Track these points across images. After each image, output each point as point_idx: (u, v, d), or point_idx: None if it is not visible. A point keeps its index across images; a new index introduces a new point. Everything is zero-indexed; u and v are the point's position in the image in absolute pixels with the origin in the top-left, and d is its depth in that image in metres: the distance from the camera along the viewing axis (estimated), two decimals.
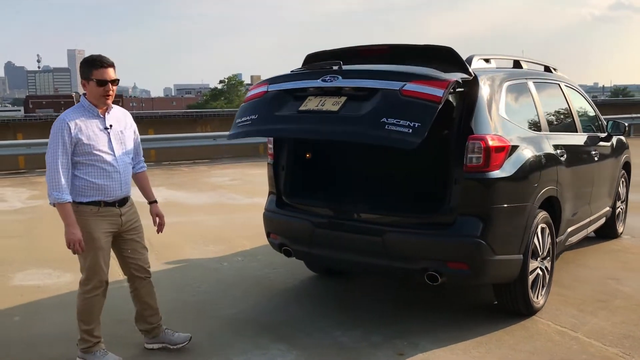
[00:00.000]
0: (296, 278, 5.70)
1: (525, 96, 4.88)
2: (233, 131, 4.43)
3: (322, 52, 4.84)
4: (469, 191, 4.04)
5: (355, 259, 4.44)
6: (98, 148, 3.68)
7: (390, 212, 4.44)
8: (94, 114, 3.73)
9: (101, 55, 3.69)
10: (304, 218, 4.64)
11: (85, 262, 3.77)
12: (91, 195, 3.69)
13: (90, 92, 3.68)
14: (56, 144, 3.60)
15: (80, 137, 3.62)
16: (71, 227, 3.59)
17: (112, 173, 3.72)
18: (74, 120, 3.65)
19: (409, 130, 3.62)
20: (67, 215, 3.60)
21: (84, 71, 3.66)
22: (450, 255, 4.10)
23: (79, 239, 3.60)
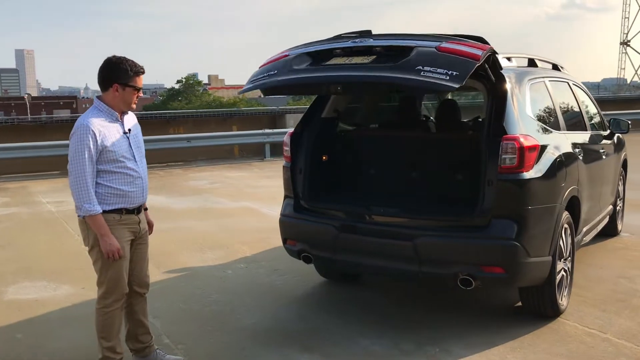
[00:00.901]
0: (306, 284, 5.53)
1: (544, 95, 4.84)
2: (247, 86, 4.26)
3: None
4: (503, 193, 3.96)
5: (383, 265, 4.30)
6: (122, 154, 3.51)
7: (420, 215, 4.32)
8: (114, 118, 3.54)
9: (132, 60, 3.53)
10: (327, 222, 4.48)
11: (106, 275, 3.55)
12: (114, 202, 3.51)
13: (122, 97, 3.51)
14: (81, 151, 3.39)
15: (106, 143, 3.44)
16: (107, 237, 3.43)
17: (136, 179, 3.58)
18: (97, 125, 3.44)
19: (446, 77, 3.53)
20: (101, 225, 3.43)
21: (122, 76, 3.47)
22: (485, 259, 4.00)
23: (117, 247, 3.45)
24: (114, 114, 3.52)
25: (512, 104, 4.14)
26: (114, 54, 3.56)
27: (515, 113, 4.13)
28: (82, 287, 5.52)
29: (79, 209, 3.42)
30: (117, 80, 3.47)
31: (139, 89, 3.53)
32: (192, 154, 15.48)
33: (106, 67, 3.51)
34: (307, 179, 4.71)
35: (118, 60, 3.50)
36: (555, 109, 4.94)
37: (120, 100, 3.51)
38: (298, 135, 4.83)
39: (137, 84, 3.51)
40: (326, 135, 4.94)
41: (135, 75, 3.50)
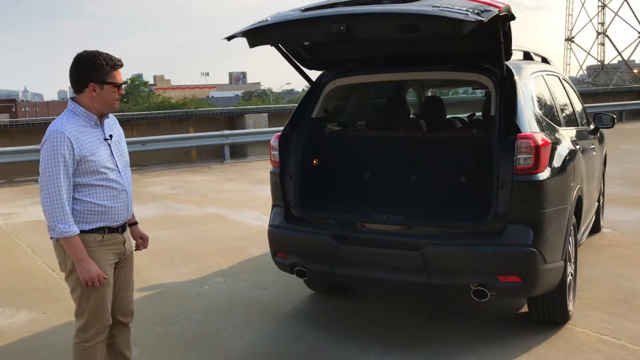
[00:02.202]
0: (294, 298, 5.14)
1: (544, 90, 4.61)
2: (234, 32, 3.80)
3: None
4: (518, 195, 3.67)
5: (388, 277, 3.96)
6: (103, 164, 3.04)
7: (427, 221, 3.99)
8: (92, 123, 3.07)
9: (110, 54, 3.05)
10: (323, 233, 4.11)
11: (86, 304, 3.08)
12: (95, 220, 3.05)
13: (100, 97, 3.03)
14: (55, 162, 2.91)
15: (84, 152, 2.97)
16: (85, 263, 2.96)
17: (120, 192, 3.12)
18: (73, 131, 2.96)
19: (468, 13, 3.20)
20: (78, 249, 2.95)
21: (97, 72, 3.00)
22: (500, 268, 3.71)
23: (98, 274, 2.98)
24: (92, 117, 3.05)
25: (523, 100, 3.87)
26: (84, 50, 3.08)
27: (525, 109, 3.86)
28: (43, 313, 4.99)
29: (52, 230, 2.95)
30: (92, 78, 3.00)
31: (120, 84, 3.06)
32: (147, 158, 14.80)
33: (78, 65, 3.04)
34: (298, 186, 4.32)
35: (90, 55, 3.02)
36: (555, 104, 4.71)
37: (98, 101, 3.04)
38: (286, 137, 4.43)
39: (117, 80, 3.05)
40: (317, 137, 4.56)
41: (113, 69, 3.03)
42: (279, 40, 4.04)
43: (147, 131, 15.47)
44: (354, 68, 4.57)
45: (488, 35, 3.58)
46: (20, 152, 13.08)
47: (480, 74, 4.04)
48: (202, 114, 17.88)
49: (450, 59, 4.25)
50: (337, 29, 3.45)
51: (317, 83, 4.63)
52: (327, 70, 4.67)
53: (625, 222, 7.32)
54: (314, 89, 4.61)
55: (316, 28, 3.66)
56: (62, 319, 4.80)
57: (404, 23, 3.39)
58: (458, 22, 3.16)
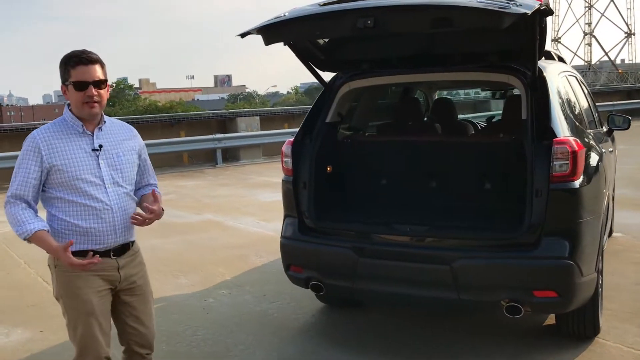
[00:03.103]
0: (305, 311, 4.87)
1: (569, 91, 4.38)
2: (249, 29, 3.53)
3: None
4: (554, 204, 3.44)
5: (413, 293, 3.71)
6: (80, 177, 2.72)
7: (457, 233, 3.74)
8: (78, 130, 2.78)
9: (84, 49, 2.76)
10: (342, 245, 3.85)
11: (74, 334, 2.81)
12: (78, 242, 2.72)
13: (71, 100, 2.76)
14: (18, 169, 2.74)
15: (55, 162, 2.71)
16: (57, 254, 2.68)
17: (102, 211, 2.75)
18: (48, 138, 2.73)
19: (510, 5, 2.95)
20: (44, 241, 2.67)
21: (61, 73, 2.75)
22: (536, 282, 3.48)
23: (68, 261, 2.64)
24: (79, 124, 2.77)
25: (556, 102, 3.65)
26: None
27: (559, 112, 3.63)
28: (40, 331, 4.69)
29: (17, 234, 2.72)
30: (61, 79, 2.75)
31: (84, 83, 2.68)
32: None
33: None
34: (312, 194, 4.06)
35: (63, 57, 2.77)
36: (580, 105, 4.50)
37: (72, 104, 2.77)
38: (299, 144, 4.17)
39: (78, 77, 2.68)
40: (331, 142, 4.30)
41: (70, 67, 2.70)
42: (298, 36, 3.77)
43: None
44: (369, 69, 4.31)
45: (522, 32, 3.35)
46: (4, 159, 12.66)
47: (509, 74, 3.81)
48: (193, 118, 17.55)
49: (474, 59, 4.01)
50: (363, 23, 3.17)
51: (330, 85, 4.38)
52: (341, 72, 4.42)
53: (635, 226, 7.14)
54: (327, 92, 4.35)
55: (340, 23, 3.37)
56: (60, 337, 4.50)
57: (438, 16, 3.14)
58: (499, 15, 2.92)
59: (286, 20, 3.44)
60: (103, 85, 2.73)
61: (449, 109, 5.46)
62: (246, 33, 3.56)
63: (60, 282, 2.77)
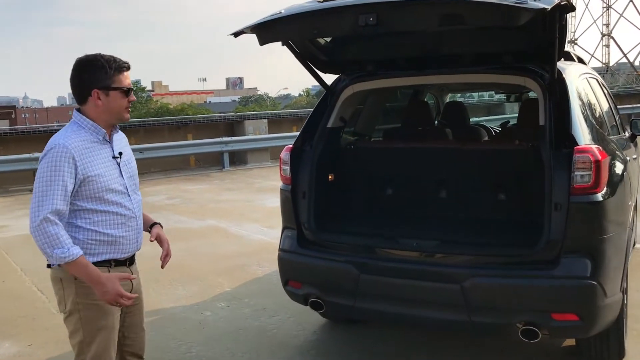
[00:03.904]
0: (305, 328, 4.60)
1: (590, 94, 4.07)
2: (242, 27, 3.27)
3: None
4: (575, 219, 3.13)
5: (420, 314, 3.41)
6: (110, 186, 2.63)
7: (468, 249, 3.44)
8: (100, 138, 2.65)
9: (112, 55, 2.65)
10: (344, 260, 3.57)
11: (87, 351, 2.62)
12: (101, 252, 2.63)
13: (106, 106, 2.61)
14: (52, 180, 2.47)
15: (89, 172, 2.55)
16: (100, 285, 2.51)
17: (129, 219, 2.70)
18: (78, 147, 2.54)
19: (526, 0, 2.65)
20: (88, 271, 2.50)
21: (98, 77, 2.58)
22: (555, 305, 3.17)
23: (118, 292, 2.53)
24: (101, 131, 2.64)
25: (576, 107, 3.35)
26: (85, 54, 2.66)
27: (579, 117, 3.33)
28: (29, 345, 4.45)
29: (49, 257, 2.48)
30: (95, 84, 2.58)
31: (128, 89, 2.64)
32: (145, 165, 14.23)
33: (78, 71, 2.61)
34: (312, 205, 3.78)
35: (90, 58, 2.61)
36: (602, 110, 4.18)
37: (104, 110, 2.62)
38: (299, 150, 3.89)
39: (123, 84, 2.62)
40: (333, 149, 4.03)
41: (117, 72, 2.61)
42: (295, 35, 3.49)
43: (145, 138, 14.94)
44: (374, 71, 4.02)
45: (540, 30, 3.06)
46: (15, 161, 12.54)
47: (525, 76, 3.51)
48: (201, 121, 17.35)
49: (487, 60, 3.71)
50: (365, 20, 2.89)
51: (332, 88, 4.10)
52: (343, 74, 4.14)
53: None
54: (329, 96, 4.07)
55: (340, 20, 3.10)
56: (49, 351, 4.30)
57: (447, 12, 2.84)
58: (515, 11, 2.63)
59: (282, 17, 3.17)
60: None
61: (461, 113, 5.16)
62: (239, 32, 3.30)
63: (81, 294, 2.60)
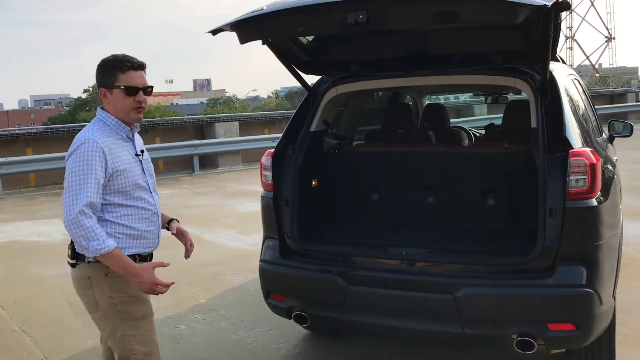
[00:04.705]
0: (286, 340, 4.41)
1: (578, 96, 3.97)
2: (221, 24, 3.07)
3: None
4: (570, 225, 3.02)
5: (411, 327, 3.26)
6: (136, 182, 2.68)
7: (460, 257, 3.31)
8: (123, 135, 2.70)
9: (125, 54, 2.69)
10: (329, 271, 3.39)
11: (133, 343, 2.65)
12: (127, 246, 2.66)
13: (113, 104, 2.66)
14: (85, 174, 2.49)
15: (118, 166, 2.60)
16: (137, 276, 2.55)
17: (153, 215, 2.77)
18: (107, 142, 2.58)
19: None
20: (123, 262, 2.54)
21: (104, 76, 2.66)
22: (551, 314, 3.06)
23: (154, 281, 2.58)
24: (125, 128, 2.69)
25: (568, 109, 3.24)
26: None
27: (571, 119, 3.23)
28: None
29: (85, 249, 2.48)
30: (101, 83, 2.66)
31: (134, 88, 2.62)
32: None
33: (96, 72, 2.68)
34: (295, 213, 3.60)
35: (104, 58, 2.68)
36: (587, 112, 4.10)
37: (115, 109, 2.66)
38: (281, 155, 3.70)
39: (127, 82, 2.62)
40: (316, 153, 3.85)
41: (119, 70, 2.62)
42: (278, 33, 3.30)
43: None
44: (358, 72, 3.86)
45: (533, 28, 2.94)
46: None
47: (515, 77, 3.39)
48: (170, 123, 16.99)
49: (476, 60, 3.59)
50: (354, 18, 2.73)
51: (315, 90, 3.92)
52: (326, 75, 3.97)
53: (635, 237, 6.75)
54: (311, 98, 3.89)
55: (328, 18, 2.93)
56: None
57: (441, 10, 2.69)
58: (514, 8, 2.49)
59: (264, 14, 2.98)
60: (150, 90, 2.72)
61: (442, 115, 5.04)
62: (218, 29, 3.10)
63: (114, 289, 2.62)
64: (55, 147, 14.22)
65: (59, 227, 8.95)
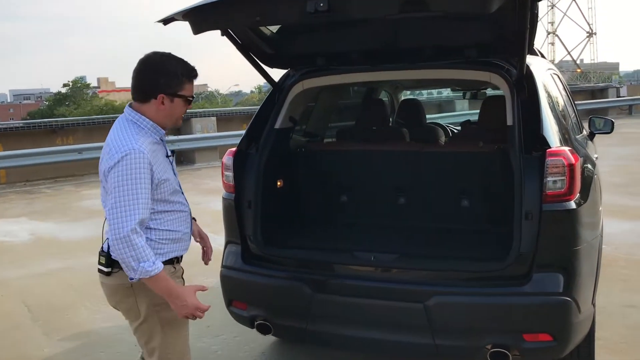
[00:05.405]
0: (253, 348, 4.22)
1: (557, 92, 3.81)
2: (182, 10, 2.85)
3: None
4: (547, 229, 2.85)
5: (379, 337, 3.07)
6: (175, 188, 2.61)
7: (431, 263, 3.12)
8: (157, 138, 2.55)
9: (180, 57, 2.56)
10: (294, 278, 3.20)
11: (170, 351, 2.60)
12: (169, 251, 2.58)
13: (169, 111, 2.52)
14: (136, 190, 2.35)
15: (162, 176, 2.49)
16: (179, 300, 2.44)
17: (187, 216, 2.71)
18: (150, 150, 2.44)
19: None
20: (168, 285, 2.42)
21: (172, 84, 2.48)
22: (527, 324, 2.89)
23: (196, 306, 2.48)
24: (160, 131, 2.55)
25: (546, 105, 3.07)
26: (155, 51, 2.55)
27: (549, 116, 3.06)
28: None
29: (133, 270, 2.34)
30: (163, 89, 2.48)
31: (192, 99, 2.58)
32: (84, 167, 13.53)
33: (148, 70, 2.51)
34: (259, 215, 3.39)
35: (163, 59, 2.51)
36: (567, 108, 3.94)
37: (165, 115, 2.53)
38: (243, 154, 3.49)
39: (191, 92, 2.57)
40: (282, 152, 3.65)
41: (187, 80, 2.54)
42: (234, 23, 3.08)
43: (84, 138, 14.26)
44: (326, 66, 3.65)
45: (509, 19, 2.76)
46: None
47: (491, 72, 3.21)
48: None
49: (449, 54, 3.40)
50: (314, 6, 2.52)
51: (280, 85, 3.71)
52: (292, 69, 3.76)
53: (614, 235, 6.66)
54: (277, 93, 3.69)
55: (286, 6, 2.73)
56: None
57: None
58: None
59: (218, 2, 2.76)
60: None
61: (418, 111, 4.86)
62: (169, 19, 2.88)
63: (157, 296, 2.49)
64: (27, 143, 13.92)
65: (26, 226, 8.70)
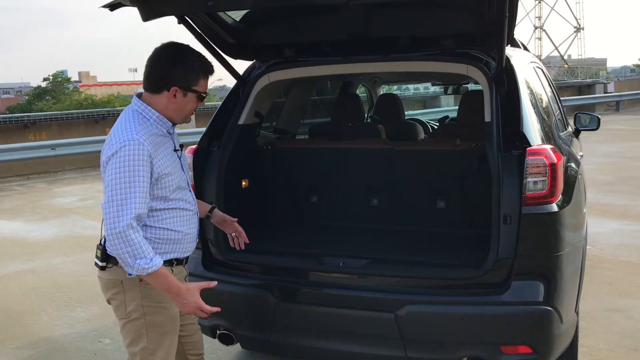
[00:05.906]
0: (220, 357, 3.98)
1: (539, 86, 3.61)
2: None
3: None
4: (527, 234, 2.65)
5: (348, 349, 2.85)
6: (179, 184, 2.47)
7: (403, 270, 2.91)
8: (164, 131, 2.43)
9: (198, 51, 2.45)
10: (257, 285, 2.97)
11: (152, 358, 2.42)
12: (166, 251, 2.45)
13: (180, 105, 2.40)
14: (132, 183, 2.23)
15: (163, 170, 2.36)
16: (180, 297, 2.35)
17: (192, 216, 2.56)
18: (152, 143, 2.31)
19: None
20: (168, 282, 2.32)
21: (188, 77, 2.37)
22: (505, 336, 2.69)
23: (198, 305, 2.39)
24: (167, 124, 2.43)
25: (527, 101, 2.87)
26: (172, 41, 2.41)
27: (530, 112, 2.85)
28: None
29: (129, 267, 2.24)
30: (178, 82, 2.36)
31: (205, 96, 2.47)
32: (57, 163, 13.20)
33: (164, 60, 2.37)
34: None
35: (181, 51, 2.38)
36: (550, 104, 3.75)
37: (175, 109, 2.41)
38: (205, 152, 3.25)
39: (204, 88, 2.46)
40: (247, 150, 3.41)
41: (203, 75, 2.43)
42: (184, 8, 2.84)
43: (58, 134, 13.92)
44: (294, 57, 3.42)
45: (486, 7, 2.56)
46: None
47: (468, 64, 3.00)
48: None
49: (425, 45, 3.18)
50: None
51: (245, 78, 3.47)
52: (258, 61, 3.52)
53: (599, 236, 6.51)
54: (241, 86, 3.45)
55: None
56: None
57: None
58: None
59: None
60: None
61: (395, 107, 4.65)
62: (116, 4, 2.63)
63: (147, 297, 2.41)
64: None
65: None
